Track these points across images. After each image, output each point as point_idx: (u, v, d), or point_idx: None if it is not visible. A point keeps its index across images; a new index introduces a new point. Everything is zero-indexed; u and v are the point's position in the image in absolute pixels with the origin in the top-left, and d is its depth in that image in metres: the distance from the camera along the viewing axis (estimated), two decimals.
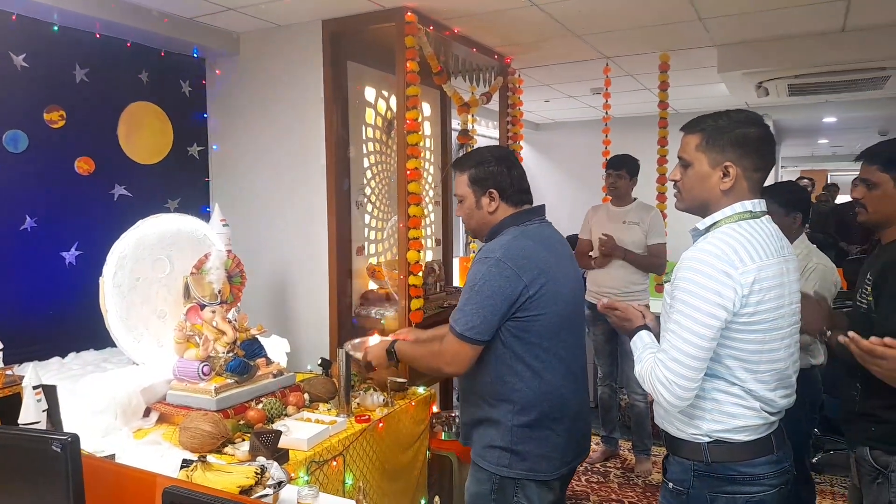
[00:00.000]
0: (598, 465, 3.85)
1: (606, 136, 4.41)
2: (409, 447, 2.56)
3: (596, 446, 4.05)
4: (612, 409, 3.94)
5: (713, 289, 1.45)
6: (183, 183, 3.42)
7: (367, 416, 2.34)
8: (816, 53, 3.81)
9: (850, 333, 1.30)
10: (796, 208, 2.59)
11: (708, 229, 1.57)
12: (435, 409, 2.86)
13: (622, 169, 3.69)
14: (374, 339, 2.27)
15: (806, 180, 6.81)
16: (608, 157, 3.88)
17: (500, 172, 1.89)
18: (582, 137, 7.23)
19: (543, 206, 1.98)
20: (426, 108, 3.96)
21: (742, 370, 1.52)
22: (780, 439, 1.59)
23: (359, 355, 2.22)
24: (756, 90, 4.53)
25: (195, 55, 3.43)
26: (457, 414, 2.90)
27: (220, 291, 2.51)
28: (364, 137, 3.46)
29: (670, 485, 1.63)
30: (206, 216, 2.95)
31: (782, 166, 11.38)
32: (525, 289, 1.77)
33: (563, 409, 1.84)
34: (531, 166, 8.26)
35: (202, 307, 2.46)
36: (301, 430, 2.16)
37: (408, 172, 3.04)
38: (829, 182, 9.39)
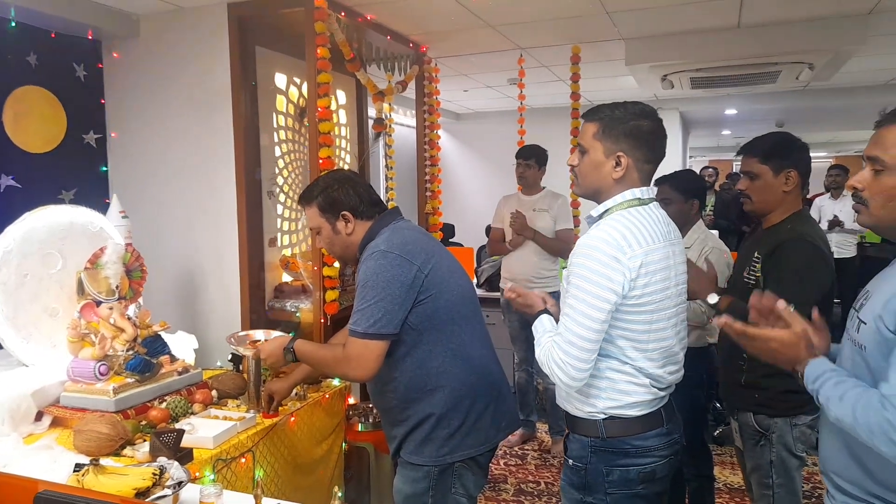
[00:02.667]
0: (515, 449, 3.95)
1: (522, 126, 4.49)
2: (324, 440, 2.53)
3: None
4: (528, 394, 4.04)
5: (604, 274, 1.51)
6: (79, 173, 3.22)
7: (275, 412, 2.29)
8: (714, 48, 4.02)
9: (724, 317, 1.39)
10: (693, 195, 2.73)
11: (601, 216, 1.63)
12: (351, 400, 2.84)
13: (531, 159, 3.79)
14: (259, 334, 2.21)
15: (710, 169, 7.17)
16: (519, 148, 3.96)
17: (346, 193, 1.91)
18: (501, 127, 7.30)
19: (398, 207, 2.00)
20: (341, 96, 3.89)
21: (632, 349, 1.59)
22: (669, 413, 1.68)
23: (246, 351, 2.16)
24: (661, 82, 4.72)
25: (90, 37, 3.22)
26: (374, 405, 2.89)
27: (117, 287, 2.39)
28: (275, 125, 3.37)
29: (570, 462, 1.69)
30: (104, 208, 2.79)
31: (690, 156, 11.95)
32: (419, 271, 1.78)
33: (487, 380, 1.88)
34: (452, 156, 8.31)
35: (98, 304, 2.33)
36: (207, 428, 2.09)
37: (321, 161, 2.99)
38: (733, 171, 9.93)
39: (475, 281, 5.18)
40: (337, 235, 1.93)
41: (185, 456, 1.88)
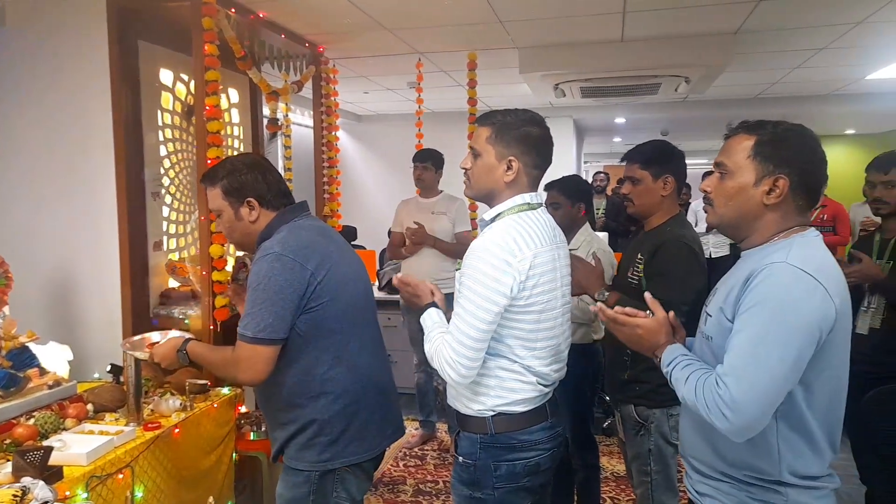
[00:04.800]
0: (415, 449, 3.97)
1: (420, 129, 4.53)
2: (212, 451, 2.44)
3: (415, 431, 4.18)
4: (428, 394, 4.08)
5: (494, 277, 1.56)
6: None
7: (157, 424, 2.19)
8: (600, 60, 4.24)
9: (598, 304, 1.49)
10: (580, 199, 2.86)
11: (493, 220, 1.69)
12: (243, 409, 2.76)
13: (427, 161, 3.85)
14: (157, 336, 2.10)
15: (602, 174, 7.53)
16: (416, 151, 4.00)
17: (254, 179, 1.85)
18: (403, 130, 7.33)
19: (306, 202, 1.97)
20: (234, 95, 3.76)
21: (521, 348, 1.64)
22: (553, 407, 1.75)
23: (144, 355, 2.05)
24: (554, 91, 4.92)
25: None
26: None
27: None
28: (161, 123, 3.20)
29: (461, 459, 1.73)
30: None
31: (585, 161, 12.52)
32: (312, 276, 1.75)
33: (377, 386, 1.87)
34: (354, 158, 8.25)
35: None
36: (80, 444, 1.96)
37: (209, 162, 2.88)
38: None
39: (377, 284, 5.17)
40: (239, 221, 1.86)
41: (53, 475, 1.76)
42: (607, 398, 4.22)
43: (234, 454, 2.60)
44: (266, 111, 3.94)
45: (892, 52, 4.73)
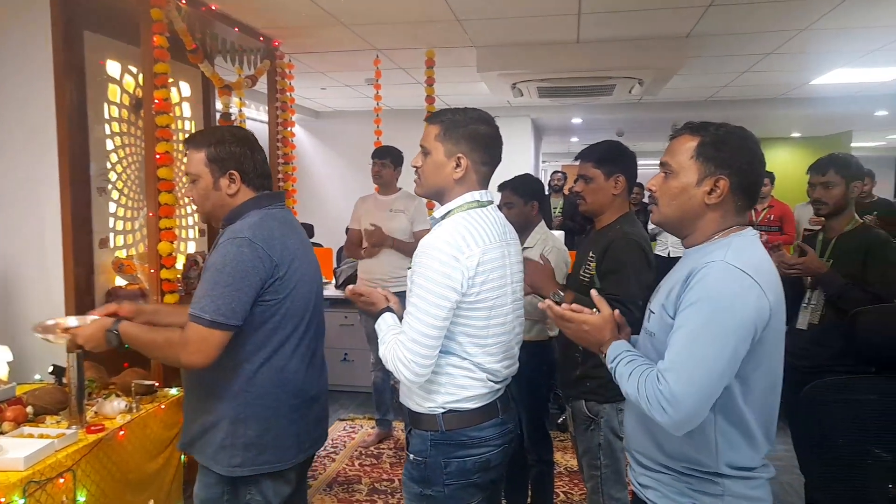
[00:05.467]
0: (371, 448, 3.95)
1: (378, 126, 4.51)
2: (159, 454, 2.38)
3: (371, 430, 4.16)
4: (384, 393, 4.06)
5: (444, 273, 1.56)
6: None
7: (101, 426, 2.12)
8: (557, 60, 4.29)
9: (547, 301, 1.50)
10: (532, 197, 2.89)
11: (443, 217, 1.69)
12: None
13: (386, 158, 3.83)
14: (74, 321, 1.95)
15: (560, 174, 7.62)
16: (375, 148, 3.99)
17: (242, 154, 1.81)
18: (361, 127, 7.25)
19: (283, 192, 1.94)
20: (185, 88, 3.68)
21: (472, 345, 1.65)
22: (504, 404, 1.75)
23: (59, 340, 1.87)
24: (512, 90, 4.95)
25: None
26: None
27: None
28: (108, 116, 3.11)
29: (411, 457, 1.72)
30: None
31: (544, 161, 12.66)
32: (276, 269, 1.72)
33: (300, 394, 1.83)
34: (311, 154, 8.15)
35: None
36: (17, 448, 1.89)
37: (158, 157, 2.81)
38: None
39: (333, 282, 5.12)
40: (216, 191, 1.80)
41: None
42: (561, 394, 4.28)
43: (182, 457, 2.54)
44: (219, 106, 3.86)
45: (833, 59, 4.93)
